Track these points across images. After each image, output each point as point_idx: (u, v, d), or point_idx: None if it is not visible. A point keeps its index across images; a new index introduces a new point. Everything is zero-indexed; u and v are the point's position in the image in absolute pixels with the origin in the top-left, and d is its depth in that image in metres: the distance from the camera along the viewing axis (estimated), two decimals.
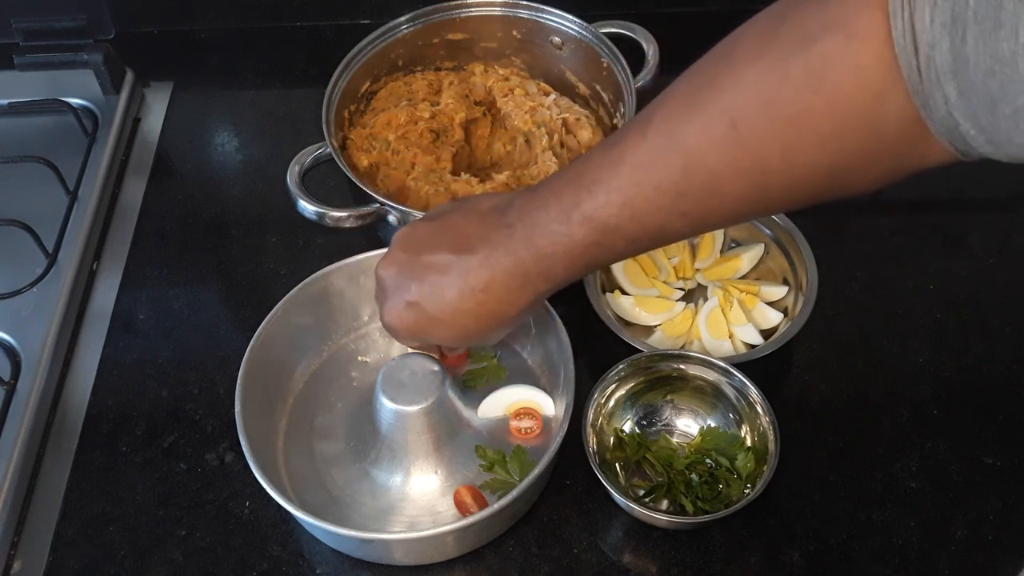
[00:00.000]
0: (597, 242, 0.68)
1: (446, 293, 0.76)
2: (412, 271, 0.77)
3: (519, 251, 0.72)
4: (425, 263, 0.77)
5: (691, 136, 0.62)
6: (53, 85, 1.21)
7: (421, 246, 0.78)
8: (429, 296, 0.76)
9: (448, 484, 0.90)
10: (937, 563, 0.85)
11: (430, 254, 0.77)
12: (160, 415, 0.97)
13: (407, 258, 0.79)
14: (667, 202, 0.64)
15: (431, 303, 0.76)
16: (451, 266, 0.75)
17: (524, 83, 1.15)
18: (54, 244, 1.06)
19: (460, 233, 0.76)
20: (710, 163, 0.62)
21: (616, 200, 0.66)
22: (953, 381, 0.96)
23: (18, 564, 0.88)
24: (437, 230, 0.78)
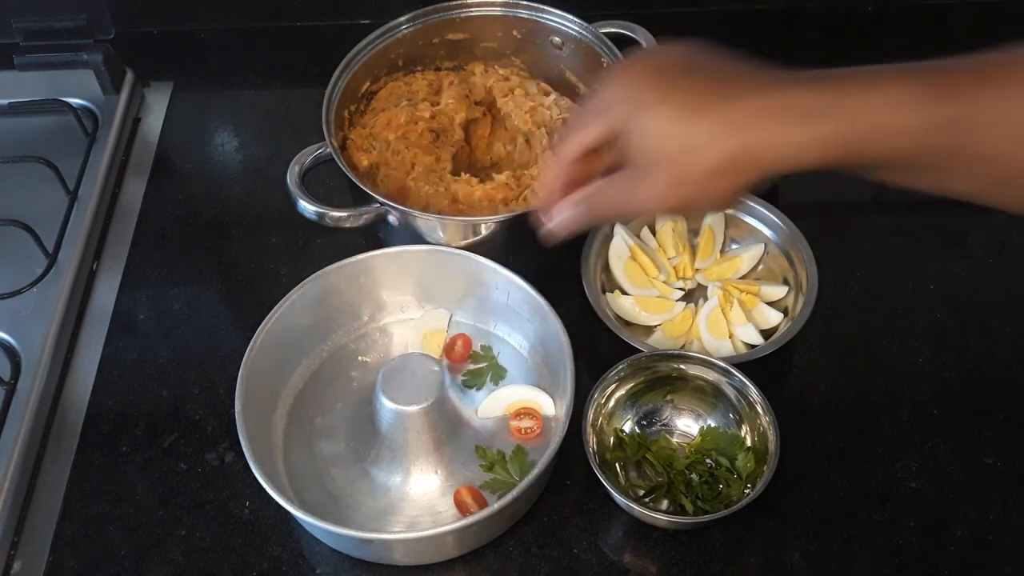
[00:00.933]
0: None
1: (713, 72, 0.65)
2: (683, 52, 0.67)
3: (800, 86, 0.64)
4: (703, 60, 0.67)
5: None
6: (53, 85, 1.21)
7: (689, 52, 0.68)
8: (694, 68, 0.66)
9: (448, 484, 0.90)
10: (937, 563, 0.85)
11: (712, 56, 0.67)
12: (160, 415, 0.97)
13: (677, 49, 0.68)
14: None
15: (679, 85, 0.65)
16: (721, 79, 0.66)
17: (524, 83, 1.15)
18: (54, 244, 1.06)
19: (725, 69, 0.67)
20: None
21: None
22: (953, 381, 0.96)
23: (18, 564, 0.88)
24: (689, 60, 0.67)
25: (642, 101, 0.67)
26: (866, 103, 0.62)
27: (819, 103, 0.64)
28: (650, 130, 0.66)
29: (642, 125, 0.66)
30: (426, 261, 0.97)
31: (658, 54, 0.70)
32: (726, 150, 0.64)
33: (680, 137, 0.65)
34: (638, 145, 0.67)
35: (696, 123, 0.64)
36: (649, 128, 0.66)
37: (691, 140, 0.65)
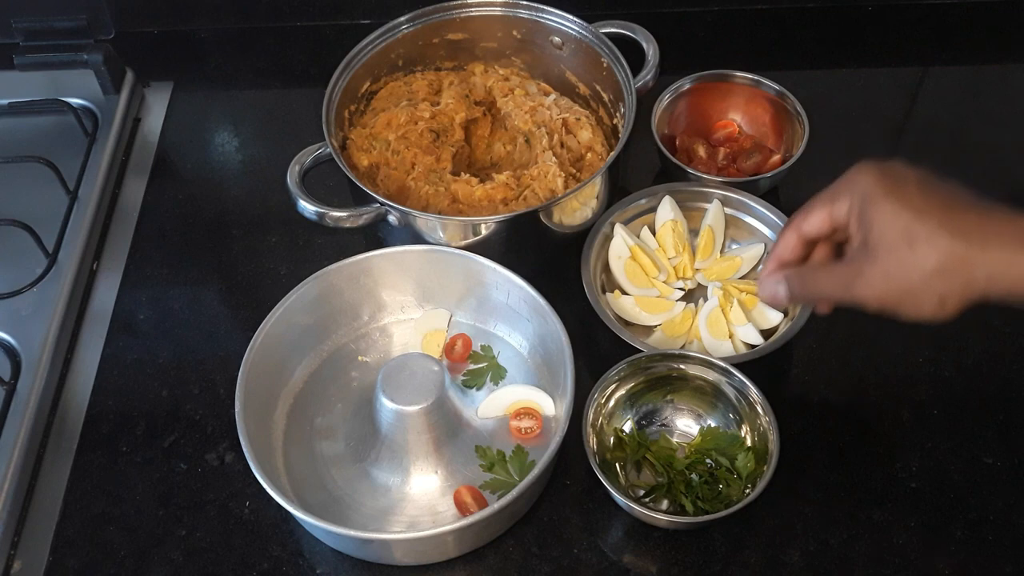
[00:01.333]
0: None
1: (942, 207, 0.70)
2: (919, 176, 0.73)
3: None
4: (938, 184, 0.72)
5: None
6: (53, 85, 1.21)
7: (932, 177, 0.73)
8: (926, 193, 0.71)
9: (448, 484, 0.90)
10: (937, 563, 0.85)
11: (944, 184, 0.72)
12: (160, 415, 0.97)
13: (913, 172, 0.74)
14: None
15: (921, 196, 0.70)
16: (963, 198, 0.71)
17: (524, 83, 1.15)
18: (54, 244, 1.06)
19: (963, 193, 0.72)
20: None
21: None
22: (953, 381, 0.96)
23: (18, 564, 0.88)
24: (929, 176, 0.73)
25: (887, 192, 0.71)
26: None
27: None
28: (888, 219, 0.70)
29: (882, 211, 0.71)
30: (426, 261, 0.97)
31: (894, 165, 0.74)
32: (946, 253, 0.68)
33: (910, 229, 0.69)
34: (871, 228, 0.72)
35: (927, 221, 0.69)
36: (888, 216, 0.71)
37: (919, 234, 0.69)
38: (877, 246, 0.71)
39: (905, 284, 0.71)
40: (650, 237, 1.04)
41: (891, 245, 0.70)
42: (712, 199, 1.03)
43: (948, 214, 0.69)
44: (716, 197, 1.03)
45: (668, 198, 1.03)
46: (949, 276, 0.69)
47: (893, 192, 0.72)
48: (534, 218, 0.97)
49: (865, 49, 1.26)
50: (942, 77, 1.25)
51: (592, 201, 1.01)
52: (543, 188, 1.02)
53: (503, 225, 0.97)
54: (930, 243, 0.69)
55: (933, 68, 1.25)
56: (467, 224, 0.98)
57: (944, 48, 1.27)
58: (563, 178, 1.03)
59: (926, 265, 0.69)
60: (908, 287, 0.71)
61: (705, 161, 1.10)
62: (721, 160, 1.10)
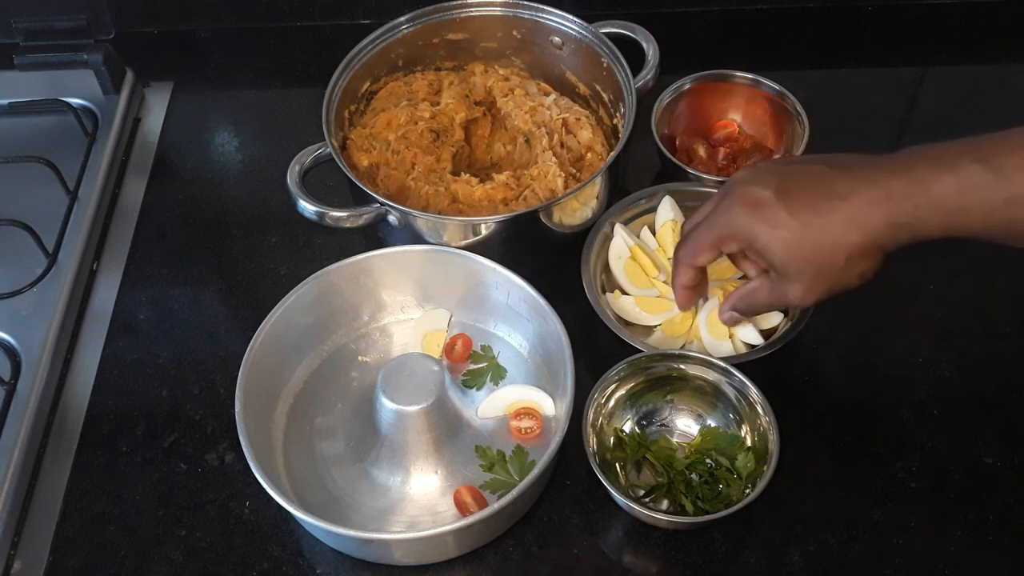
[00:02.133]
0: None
1: (806, 192, 0.77)
2: (775, 173, 0.80)
3: (894, 174, 0.75)
4: (792, 170, 0.80)
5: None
6: (53, 85, 1.21)
7: (786, 162, 0.81)
8: (788, 190, 0.78)
9: (448, 484, 0.90)
10: (937, 563, 0.85)
11: (800, 165, 0.80)
12: (160, 415, 0.97)
13: (770, 167, 0.82)
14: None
15: (787, 197, 0.78)
16: (821, 173, 0.78)
17: (524, 83, 1.15)
18: (54, 244, 1.06)
19: (834, 158, 0.79)
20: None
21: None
22: (953, 381, 0.96)
23: (18, 564, 0.88)
24: (805, 158, 0.81)
25: (759, 220, 0.79)
26: (930, 195, 0.74)
27: (900, 196, 0.75)
28: (777, 243, 0.79)
29: (768, 240, 0.79)
30: (426, 261, 0.97)
31: (750, 178, 0.82)
32: (854, 243, 0.77)
33: (812, 243, 0.78)
34: (775, 256, 0.79)
35: (816, 228, 0.77)
36: (775, 242, 0.79)
37: (822, 242, 0.77)
38: (786, 269, 0.80)
39: (828, 283, 0.80)
40: (650, 237, 1.04)
41: (797, 265, 0.79)
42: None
43: (837, 207, 0.76)
44: None
45: (668, 198, 1.03)
46: (862, 255, 0.78)
47: (765, 216, 0.79)
48: (534, 218, 0.97)
49: (865, 49, 1.26)
50: (942, 77, 1.25)
51: (592, 201, 1.01)
52: (543, 188, 1.02)
53: (503, 225, 0.97)
54: (838, 244, 0.77)
55: (933, 68, 1.25)
56: (467, 224, 0.98)
57: (944, 48, 1.27)
58: (563, 178, 1.03)
59: (841, 259, 0.77)
60: (831, 283, 0.80)
61: (705, 161, 1.10)
62: (721, 160, 1.10)
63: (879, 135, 1.18)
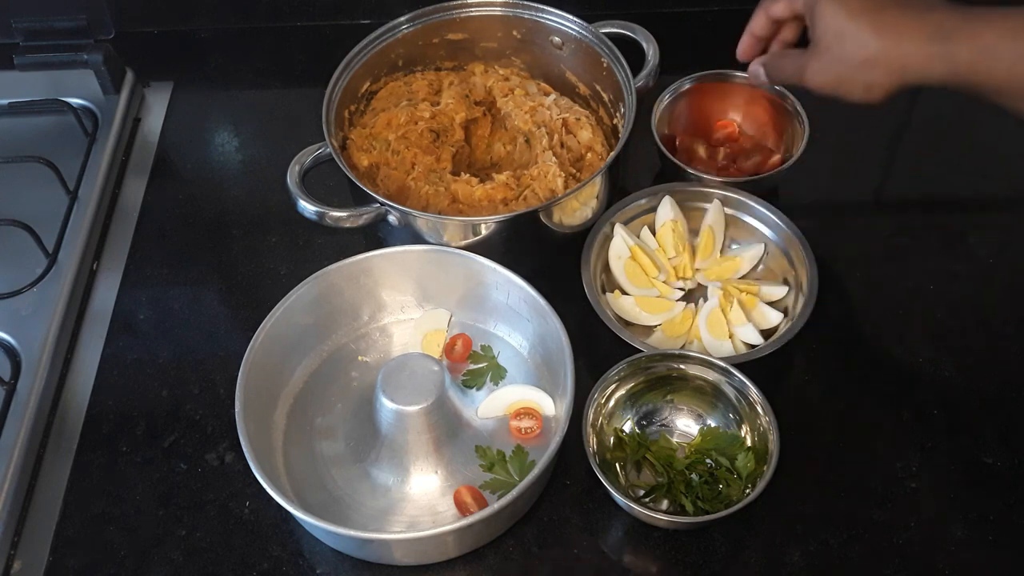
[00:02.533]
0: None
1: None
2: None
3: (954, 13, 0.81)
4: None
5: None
6: (53, 85, 1.21)
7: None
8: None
9: (448, 484, 0.90)
10: (937, 563, 0.85)
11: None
12: (160, 415, 0.97)
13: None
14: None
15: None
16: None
17: (524, 83, 1.15)
18: (54, 244, 1.06)
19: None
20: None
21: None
22: (953, 381, 0.96)
23: (18, 564, 0.88)
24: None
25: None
26: (988, 30, 0.79)
27: (953, 27, 0.80)
28: (830, 17, 0.85)
29: (827, 11, 0.85)
30: (426, 261, 0.97)
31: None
32: (869, 49, 0.83)
33: (848, 29, 0.84)
34: (816, 25, 0.86)
35: (858, 21, 0.83)
36: (830, 16, 0.85)
37: (848, 33, 0.84)
38: (819, 42, 0.87)
39: (838, 74, 0.86)
40: (650, 237, 1.04)
41: (828, 42, 0.86)
42: (712, 199, 1.03)
43: (876, 15, 0.83)
44: (716, 197, 1.03)
45: (668, 198, 1.03)
46: (872, 68, 0.84)
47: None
48: (534, 218, 0.97)
49: None
50: None
51: (592, 201, 1.01)
52: (543, 188, 1.02)
53: (503, 225, 0.97)
54: (856, 41, 0.83)
55: None
56: (467, 224, 0.98)
57: None
58: (563, 178, 1.03)
59: (853, 59, 0.84)
60: (841, 76, 0.86)
61: (705, 161, 1.10)
62: (721, 160, 1.10)
63: (879, 135, 1.18)
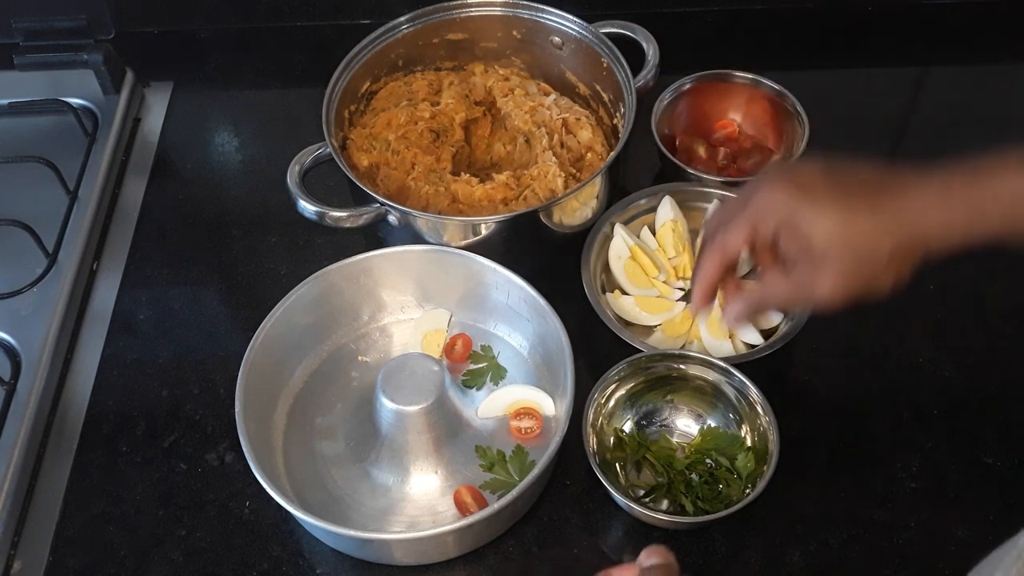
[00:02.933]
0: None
1: (854, 182, 0.73)
2: (817, 166, 0.75)
3: (953, 175, 0.72)
4: (835, 166, 0.74)
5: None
6: (53, 85, 1.21)
7: (823, 161, 0.75)
8: (835, 175, 0.73)
9: (448, 484, 0.90)
10: (937, 563, 0.85)
11: (842, 163, 0.74)
12: (160, 415, 0.97)
13: (806, 164, 0.76)
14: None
15: (835, 181, 0.73)
16: (867, 170, 0.73)
17: (524, 83, 1.15)
18: (54, 244, 1.06)
19: (872, 163, 0.75)
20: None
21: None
22: (953, 381, 0.96)
23: (18, 564, 0.88)
24: (836, 160, 0.75)
25: (805, 200, 0.72)
26: (993, 189, 0.70)
27: (960, 192, 0.71)
28: (822, 224, 0.72)
29: (813, 220, 0.72)
30: (426, 261, 0.97)
31: (795, 166, 0.77)
32: (899, 239, 0.72)
33: (860, 230, 0.71)
34: (818, 237, 0.72)
35: (865, 217, 0.71)
36: (821, 223, 0.72)
37: (872, 230, 0.71)
38: (826, 254, 0.73)
39: (863, 280, 0.73)
40: (650, 237, 1.04)
41: (837, 251, 0.72)
42: (712, 199, 1.03)
43: (884, 201, 0.72)
44: (716, 197, 1.03)
45: (668, 198, 1.03)
46: (903, 256, 0.72)
47: (812, 197, 0.73)
48: (534, 218, 0.97)
49: (865, 49, 1.26)
50: (942, 77, 1.25)
51: (592, 201, 1.01)
52: (543, 188, 1.02)
53: (503, 225, 0.97)
54: (882, 236, 0.71)
55: (933, 68, 1.25)
56: (467, 224, 0.98)
57: (944, 48, 1.27)
58: (563, 178, 1.03)
59: (883, 254, 0.72)
60: (866, 281, 0.73)
61: (705, 161, 1.10)
62: (721, 160, 1.10)
63: (879, 135, 1.18)
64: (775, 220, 0.75)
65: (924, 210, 0.71)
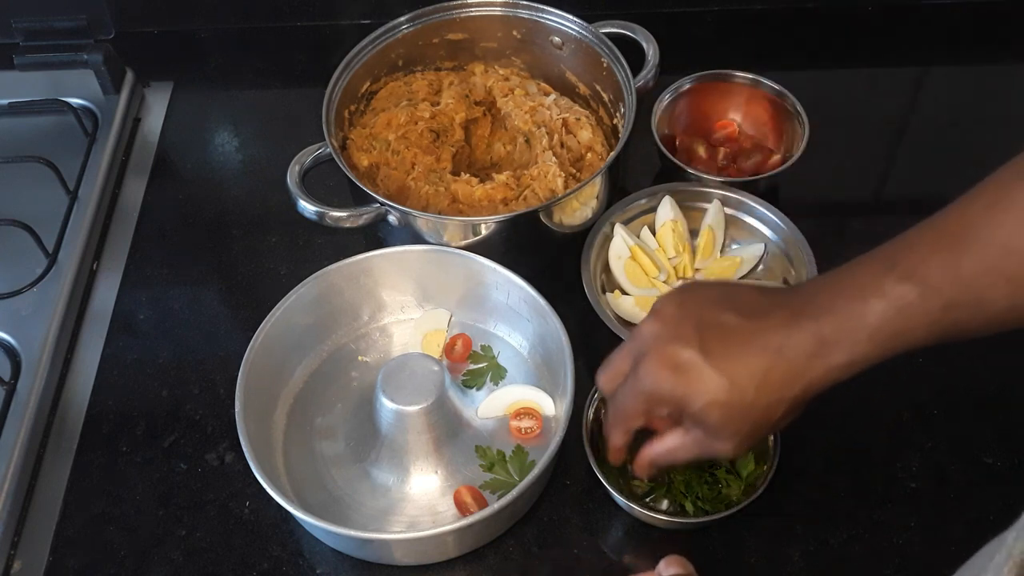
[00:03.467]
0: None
1: (732, 346, 0.70)
2: (692, 324, 0.71)
3: (820, 315, 0.69)
4: (709, 320, 0.71)
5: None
6: (53, 85, 1.21)
7: (697, 307, 0.72)
8: (712, 348, 0.70)
9: (448, 484, 0.90)
10: (937, 563, 0.85)
11: (713, 313, 0.71)
12: (160, 415, 0.97)
13: (682, 314, 0.72)
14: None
15: (714, 355, 0.70)
16: (741, 325, 0.70)
17: (524, 83, 1.15)
18: (54, 244, 1.06)
19: (745, 300, 0.72)
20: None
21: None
22: (953, 381, 0.96)
23: (18, 564, 0.88)
24: (713, 297, 0.73)
25: (691, 379, 0.71)
26: (875, 320, 0.69)
27: (837, 331, 0.69)
28: (711, 406, 0.71)
29: (702, 403, 0.71)
30: (426, 261, 0.97)
31: (669, 324, 0.73)
32: (795, 396, 0.71)
33: (751, 403, 0.70)
34: (713, 420, 0.72)
35: (759, 387, 0.70)
36: (710, 405, 0.71)
37: (761, 401, 0.71)
38: (721, 431, 0.73)
39: (761, 434, 0.74)
40: (650, 237, 1.04)
41: (734, 426, 0.72)
42: (712, 199, 1.03)
43: (757, 366, 0.70)
44: (716, 197, 1.03)
45: (668, 198, 1.03)
46: (798, 406, 0.72)
47: (695, 380, 0.71)
48: (534, 218, 0.97)
49: (865, 49, 1.26)
50: (942, 77, 1.25)
51: (592, 201, 1.01)
52: (543, 188, 1.02)
53: (503, 225, 0.97)
54: (771, 402, 0.71)
55: (933, 68, 1.25)
56: (467, 224, 0.98)
57: (944, 48, 1.27)
58: (563, 178, 1.03)
59: (774, 417, 0.72)
60: (764, 434, 0.75)
61: (705, 161, 1.10)
62: (721, 160, 1.10)
63: (879, 135, 1.18)
64: (668, 406, 0.74)
65: (807, 364, 0.70)
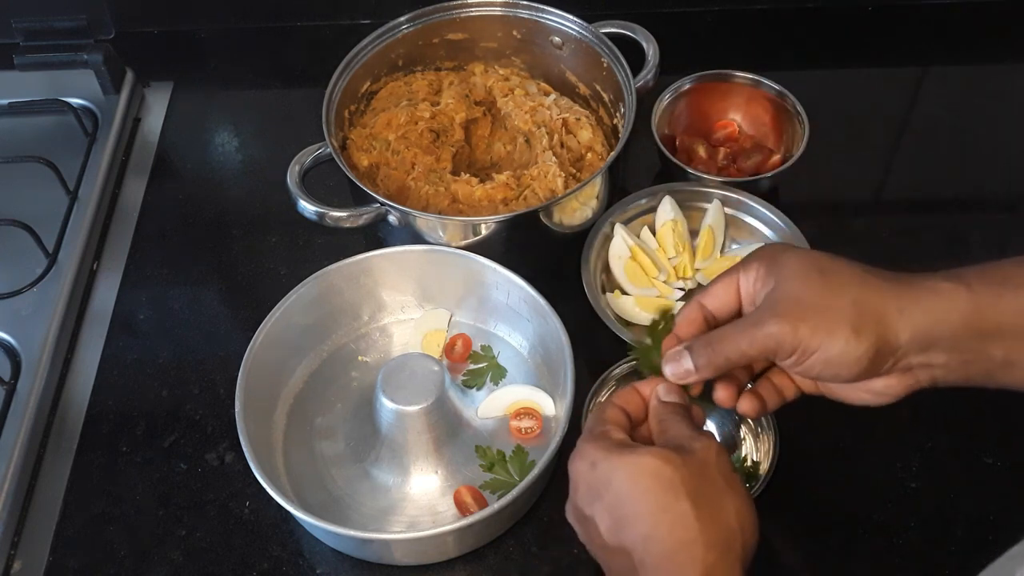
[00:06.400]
0: None
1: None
2: (599, 498, 0.71)
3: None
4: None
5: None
6: (53, 85, 1.21)
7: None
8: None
9: (448, 484, 0.90)
10: (937, 563, 0.85)
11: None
12: (160, 415, 0.97)
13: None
14: None
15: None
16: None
17: (524, 83, 1.15)
18: (54, 244, 1.06)
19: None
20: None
21: None
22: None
23: (18, 564, 0.88)
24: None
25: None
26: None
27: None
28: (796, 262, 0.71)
29: (791, 258, 0.71)
30: (426, 261, 0.97)
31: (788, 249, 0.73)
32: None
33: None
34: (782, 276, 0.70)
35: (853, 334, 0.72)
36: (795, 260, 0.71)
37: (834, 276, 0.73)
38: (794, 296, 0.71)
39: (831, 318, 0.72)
40: (650, 237, 1.04)
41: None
42: (712, 199, 1.03)
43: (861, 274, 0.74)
44: (716, 197, 1.03)
45: (668, 198, 1.03)
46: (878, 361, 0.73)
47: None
48: (534, 218, 0.97)
49: (865, 49, 1.26)
50: (942, 77, 1.25)
51: (592, 201, 1.01)
52: (543, 188, 1.02)
53: (503, 225, 0.97)
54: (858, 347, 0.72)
55: (933, 68, 1.25)
56: (467, 224, 0.98)
57: (944, 48, 1.27)
58: (563, 178, 1.03)
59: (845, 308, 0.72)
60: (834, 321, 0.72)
61: (705, 161, 1.10)
62: (721, 160, 1.10)
63: (879, 135, 1.18)
64: (759, 264, 0.72)
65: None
